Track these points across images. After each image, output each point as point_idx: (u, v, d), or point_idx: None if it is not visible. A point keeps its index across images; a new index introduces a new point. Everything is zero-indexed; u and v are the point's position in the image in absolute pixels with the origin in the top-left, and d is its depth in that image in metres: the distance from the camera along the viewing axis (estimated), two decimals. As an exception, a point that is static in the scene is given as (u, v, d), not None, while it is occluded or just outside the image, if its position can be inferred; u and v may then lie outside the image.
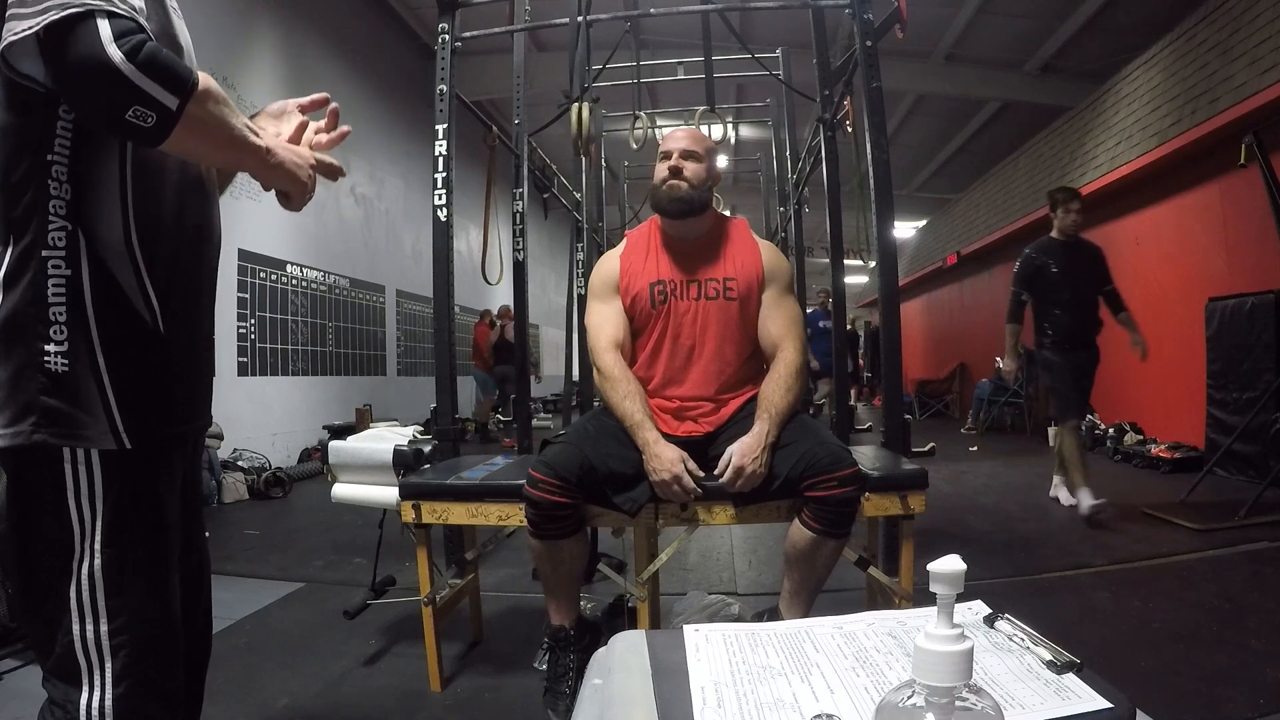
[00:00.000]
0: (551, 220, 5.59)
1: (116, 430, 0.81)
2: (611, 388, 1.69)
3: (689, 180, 1.77)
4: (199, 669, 0.99)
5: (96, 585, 0.80)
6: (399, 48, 8.46)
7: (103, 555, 0.80)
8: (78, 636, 0.79)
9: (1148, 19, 6.78)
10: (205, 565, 1.02)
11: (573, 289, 5.27)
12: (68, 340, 0.80)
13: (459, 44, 2.68)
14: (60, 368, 0.79)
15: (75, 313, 0.80)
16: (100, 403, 0.80)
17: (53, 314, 0.79)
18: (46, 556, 0.80)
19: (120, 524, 0.81)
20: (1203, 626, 2.11)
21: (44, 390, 0.79)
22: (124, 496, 0.82)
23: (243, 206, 5.59)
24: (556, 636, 1.70)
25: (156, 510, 0.85)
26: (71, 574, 0.80)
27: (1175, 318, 5.54)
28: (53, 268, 0.79)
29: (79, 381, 0.80)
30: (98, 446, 0.80)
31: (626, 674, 0.67)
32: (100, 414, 0.80)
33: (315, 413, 6.31)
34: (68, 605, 0.79)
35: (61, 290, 0.79)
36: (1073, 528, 3.42)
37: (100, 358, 0.81)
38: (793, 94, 4.68)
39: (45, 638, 0.81)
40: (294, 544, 3.58)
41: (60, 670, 0.80)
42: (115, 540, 0.81)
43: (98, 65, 0.70)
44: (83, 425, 0.80)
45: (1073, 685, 0.58)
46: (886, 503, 1.65)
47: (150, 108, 0.72)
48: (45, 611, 0.81)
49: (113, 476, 0.81)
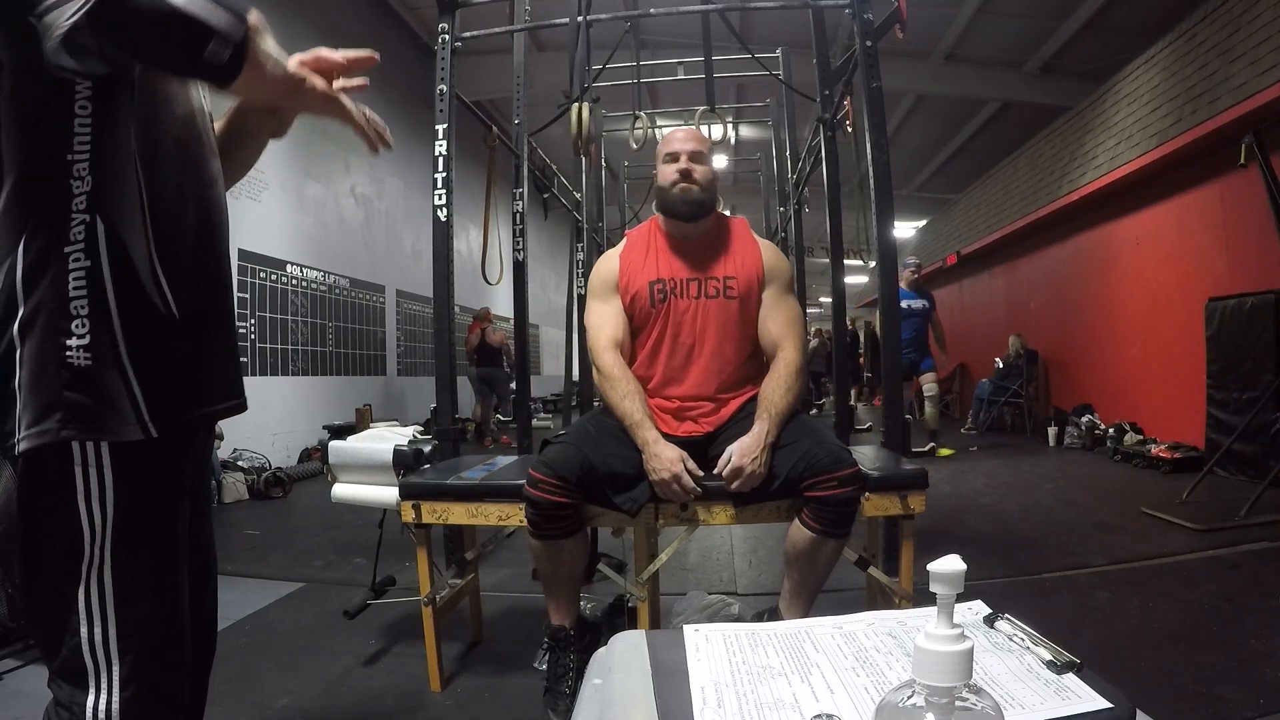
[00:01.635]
0: (551, 220, 5.60)
1: (143, 420, 0.80)
2: (611, 387, 1.69)
3: (699, 182, 1.78)
4: (203, 669, 0.99)
5: (106, 588, 0.79)
6: (399, 48, 8.46)
7: (113, 559, 0.79)
8: (85, 639, 0.79)
9: (1148, 19, 6.78)
10: (212, 566, 1.02)
11: (573, 289, 5.28)
12: (90, 333, 0.78)
13: (459, 44, 2.68)
14: (84, 361, 0.78)
15: (97, 304, 0.79)
16: (126, 393, 0.79)
17: (74, 307, 0.78)
18: (54, 557, 0.79)
19: (131, 527, 0.80)
20: (1203, 626, 2.11)
21: (68, 385, 0.78)
22: (135, 499, 0.81)
23: (243, 206, 5.60)
24: (556, 636, 1.70)
25: (167, 513, 0.85)
26: (80, 576, 0.79)
27: (1175, 318, 5.54)
28: (74, 261, 0.78)
29: (104, 374, 0.79)
30: (126, 439, 0.79)
31: (626, 674, 0.67)
32: (126, 405, 0.79)
33: (315, 413, 6.31)
34: (75, 607, 0.79)
35: (82, 282, 0.78)
36: (1073, 527, 3.42)
37: (123, 348, 0.80)
38: (793, 94, 4.68)
39: (51, 639, 0.81)
40: (294, 544, 3.58)
41: (67, 672, 0.80)
42: (126, 544, 0.80)
43: (168, 13, 0.70)
44: (109, 419, 0.79)
45: (1073, 685, 0.58)
46: (886, 503, 1.65)
47: (222, 44, 0.73)
48: (51, 612, 0.80)
49: (124, 476, 0.80)
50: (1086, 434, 6.37)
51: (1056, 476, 4.96)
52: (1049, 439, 6.76)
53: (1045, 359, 7.91)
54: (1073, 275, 7.34)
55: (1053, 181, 7.15)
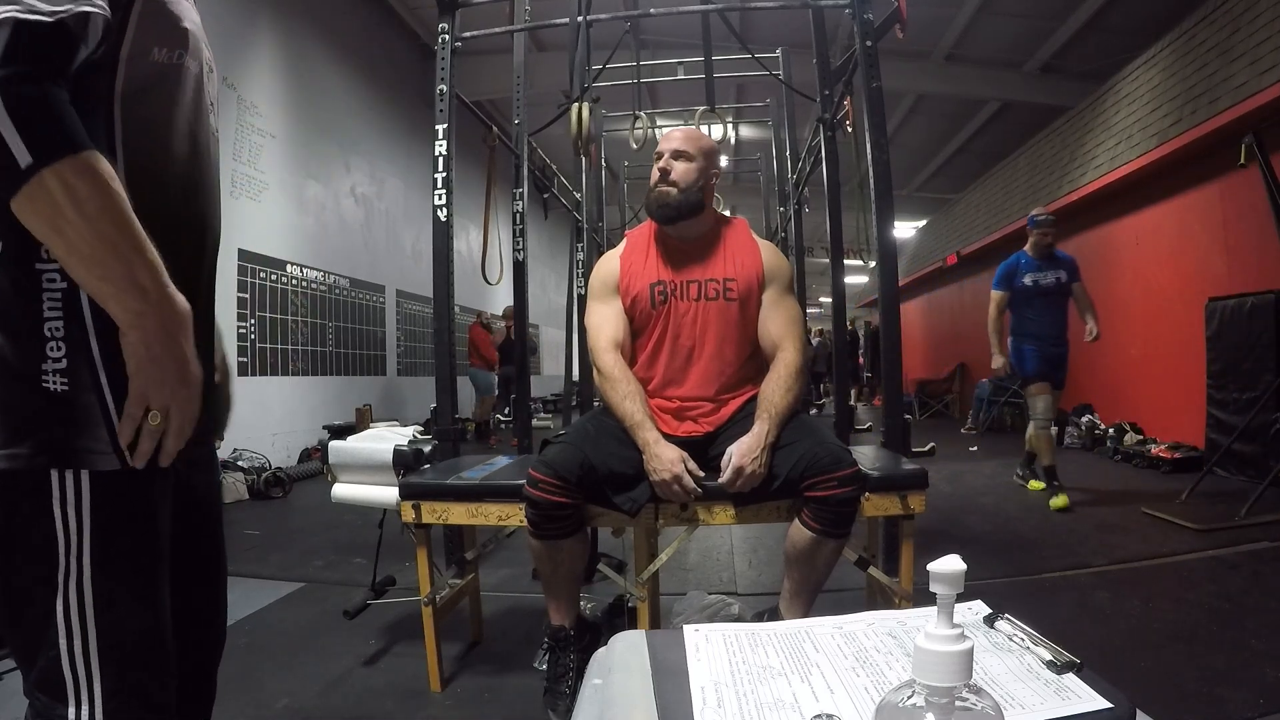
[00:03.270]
0: (551, 220, 5.60)
1: (120, 449, 0.76)
2: (611, 388, 1.69)
3: (676, 183, 1.75)
4: (210, 669, 0.99)
5: (86, 600, 0.76)
6: (399, 48, 8.46)
7: (92, 569, 0.76)
8: (65, 651, 0.75)
9: (1148, 19, 6.78)
10: (222, 569, 1.01)
11: (573, 289, 5.28)
12: (66, 357, 0.74)
13: (459, 44, 2.68)
14: (59, 387, 0.74)
15: (73, 327, 0.74)
16: (103, 421, 0.76)
17: (49, 329, 0.74)
18: (28, 565, 0.76)
19: (110, 536, 0.77)
20: (1203, 626, 2.11)
21: (43, 412, 0.74)
22: (115, 508, 0.77)
23: (243, 206, 5.60)
24: (556, 636, 1.70)
25: (149, 519, 0.81)
26: (56, 586, 0.75)
27: (1175, 318, 5.54)
28: (48, 282, 0.74)
29: (80, 400, 0.75)
30: (101, 468, 0.76)
31: (626, 674, 0.67)
32: (104, 433, 0.76)
33: (315, 413, 6.31)
34: (52, 618, 0.75)
35: (58, 303, 0.74)
36: (1073, 528, 3.42)
37: (102, 374, 0.75)
38: (793, 94, 4.68)
39: (26, 647, 0.78)
40: (294, 544, 3.58)
41: (45, 684, 0.77)
42: (105, 554, 0.76)
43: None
44: (84, 447, 0.75)
45: (1073, 685, 0.58)
46: (886, 503, 1.65)
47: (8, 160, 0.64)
48: (26, 621, 0.77)
49: (102, 494, 0.77)
50: (1086, 434, 6.37)
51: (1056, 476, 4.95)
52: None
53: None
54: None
55: (1053, 181, 7.15)
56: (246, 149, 5.64)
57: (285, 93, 6.20)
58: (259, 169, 5.79)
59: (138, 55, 0.78)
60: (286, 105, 6.21)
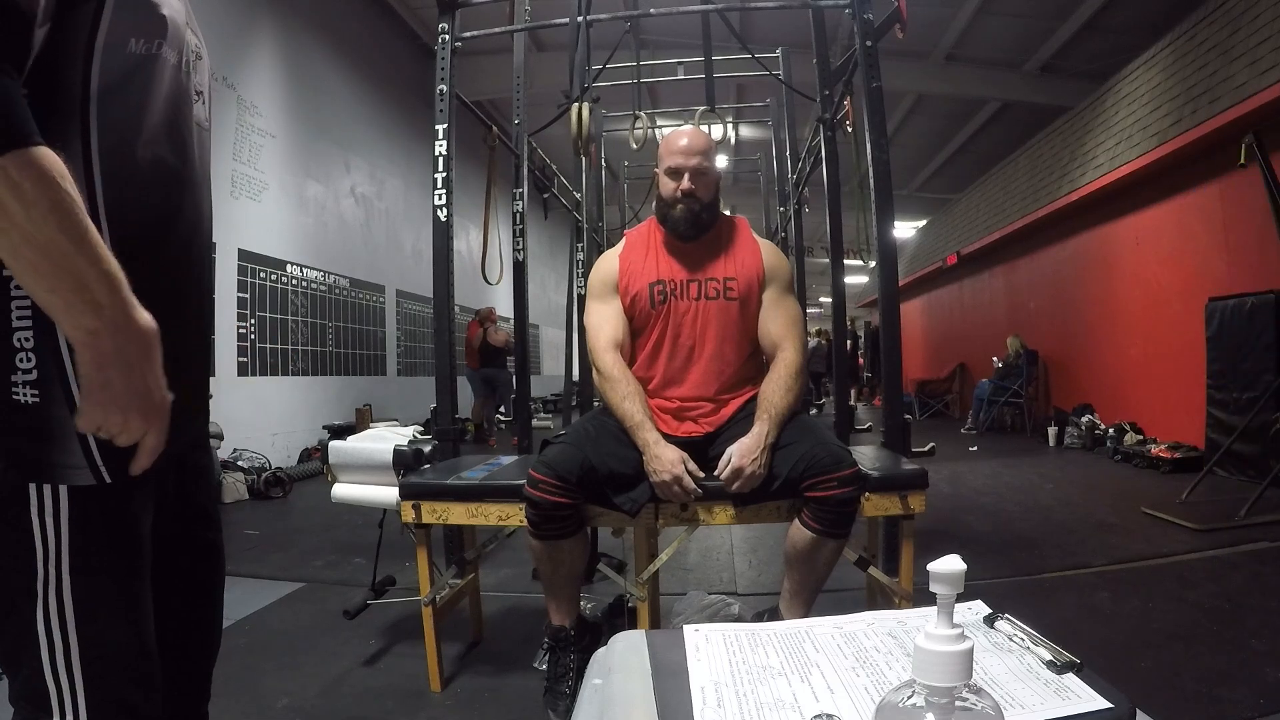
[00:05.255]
0: (551, 220, 5.60)
1: (95, 464, 0.73)
2: (611, 388, 1.69)
3: (701, 199, 1.76)
4: (205, 671, 0.98)
5: (66, 612, 0.73)
6: (399, 48, 8.46)
7: (71, 580, 0.73)
8: (47, 663, 0.74)
9: (1148, 19, 6.78)
10: (220, 568, 1.00)
11: (573, 289, 5.27)
12: (36, 368, 0.70)
13: (459, 44, 2.68)
14: (30, 399, 0.71)
15: (44, 336, 0.70)
16: (77, 434, 0.71)
17: (18, 339, 0.70)
18: (7, 575, 0.74)
19: (89, 549, 0.74)
20: (1203, 626, 2.11)
21: (12, 425, 0.71)
22: (93, 521, 0.75)
23: (243, 206, 5.60)
24: (556, 636, 1.70)
25: (129, 531, 0.78)
26: (36, 595, 0.73)
27: (1175, 318, 5.54)
28: (16, 288, 0.69)
29: (51, 413, 0.71)
30: (75, 483, 0.73)
31: (626, 674, 0.67)
32: (76, 447, 0.72)
33: (315, 413, 6.31)
34: (33, 628, 0.73)
35: (27, 311, 0.70)
36: (1073, 527, 3.42)
37: (74, 385, 0.70)
38: (793, 94, 4.68)
39: (9, 656, 0.76)
40: (294, 544, 3.58)
41: (28, 694, 0.75)
42: (85, 566, 0.74)
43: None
44: (56, 462, 0.72)
45: (1073, 685, 0.58)
46: (886, 503, 1.65)
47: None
48: (8, 629, 0.75)
49: (80, 503, 0.74)
50: (1086, 434, 6.37)
51: (1056, 476, 4.96)
52: (1049, 439, 6.76)
53: (1045, 359, 7.91)
54: (1073, 275, 7.34)
55: (1052, 182, 7.14)
56: (246, 149, 5.64)
57: (285, 93, 6.20)
58: (259, 169, 5.79)
59: (113, 46, 0.74)
60: (286, 105, 6.20)
